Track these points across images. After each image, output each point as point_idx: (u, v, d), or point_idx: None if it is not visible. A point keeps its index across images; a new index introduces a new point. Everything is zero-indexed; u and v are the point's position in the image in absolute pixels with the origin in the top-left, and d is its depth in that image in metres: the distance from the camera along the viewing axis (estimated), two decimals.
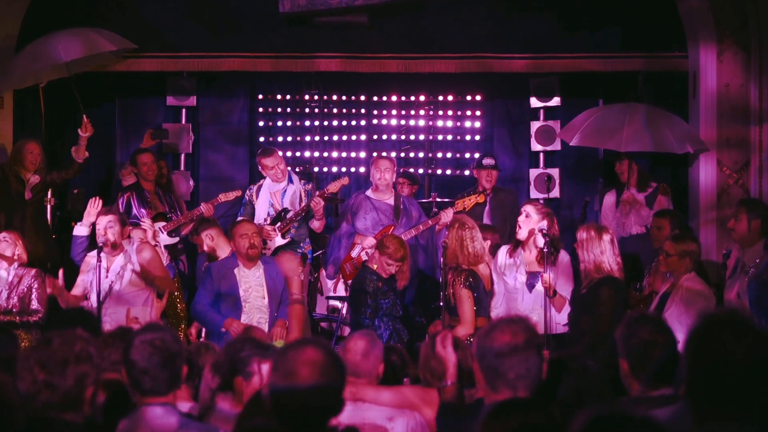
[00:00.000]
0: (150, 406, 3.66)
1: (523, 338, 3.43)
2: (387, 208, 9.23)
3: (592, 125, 9.70)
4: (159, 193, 9.86)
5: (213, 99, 11.85)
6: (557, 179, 11.13)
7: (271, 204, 9.34)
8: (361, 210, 9.23)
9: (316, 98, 11.64)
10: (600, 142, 9.86)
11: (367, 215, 9.16)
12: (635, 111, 9.66)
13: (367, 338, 4.78)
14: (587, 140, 9.76)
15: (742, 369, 2.85)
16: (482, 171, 9.96)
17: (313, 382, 2.90)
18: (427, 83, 11.51)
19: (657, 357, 3.76)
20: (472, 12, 10.92)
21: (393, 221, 9.07)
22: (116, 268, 7.65)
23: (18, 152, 9.59)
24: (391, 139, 11.88)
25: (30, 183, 9.52)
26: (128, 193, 9.73)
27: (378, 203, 9.24)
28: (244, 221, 8.15)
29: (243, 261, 7.69)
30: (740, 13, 10.09)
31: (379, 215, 9.15)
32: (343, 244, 9.23)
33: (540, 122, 11.29)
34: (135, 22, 10.76)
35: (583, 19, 10.85)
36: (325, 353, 2.98)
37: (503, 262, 7.67)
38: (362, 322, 7.57)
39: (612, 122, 9.62)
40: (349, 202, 9.41)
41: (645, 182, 9.84)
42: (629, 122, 9.45)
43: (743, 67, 10.12)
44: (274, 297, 7.61)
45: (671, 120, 9.74)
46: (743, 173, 10.02)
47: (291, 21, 10.85)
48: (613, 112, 9.82)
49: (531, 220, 7.55)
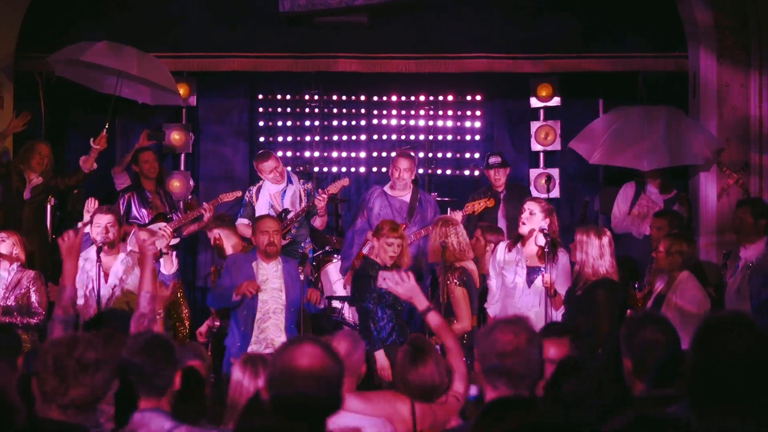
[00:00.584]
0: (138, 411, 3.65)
1: (524, 338, 3.44)
2: (402, 206, 9.22)
3: (610, 141, 9.71)
4: (160, 192, 9.86)
5: (213, 99, 11.86)
6: (557, 179, 11.12)
7: (271, 205, 9.33)
8: (376, 206, 9.24)
9: (316, 98, 11.64)
10: (620, 160, 9.80)
11: (381, 212, 9.16)
12: (655, 120, 9.67)
13: (350, 339, 4.78)
14: (607, 158, 9.81)
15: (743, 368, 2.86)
16: (489, 170, 9.94)
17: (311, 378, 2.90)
18: (427, 83, 11.51)
19: (660, 356, 3.77)
20: (472, 12, 10.92)
21: (405, 220, 9.05)
22: (117, 272, 7.60)
23: (27, 151, 9.60)
24: (391, 139, 11.88)
25: (31, 183, 9.51)
26: (128, 193, 9.73)
27: (393, 200, 9.25)
28: (267, 217, 8.10)
29: (262, 256, 7.70)
30: (740, 13, 10.09)
31: (393, 212, 9.14)
32: (356, 240, 9.23)
33: (540, 122, 11.30)
34: (135, 23, 10.77)
35: (583, 19, 10.85)
36: (322, 349, 2.98)
37: (502, 257, 7.65)
38: (366, 306, 7.54)
39: (630, 136, 9.63)
40: (365, 197, 9.42)
41: (668, 185, 9.85)
42: (648, 135, 9.48)
43: (743, 67, 10.11)
44: (291, 290, 7.61)
45: (691, 127, 9.75)
46: (743, 173, 10.01)
47: (291, 21, 10.85)
48: (633, 123, 9.80)
49: (534, 218, 7.55)
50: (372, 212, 9.21)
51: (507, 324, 3.51)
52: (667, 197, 9.77)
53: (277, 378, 2.93)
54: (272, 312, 7.58)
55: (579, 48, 10.84)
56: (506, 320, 3.56)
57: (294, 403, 2.88)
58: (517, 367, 3.40)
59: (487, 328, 3.54)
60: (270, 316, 7.57)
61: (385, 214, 9.07)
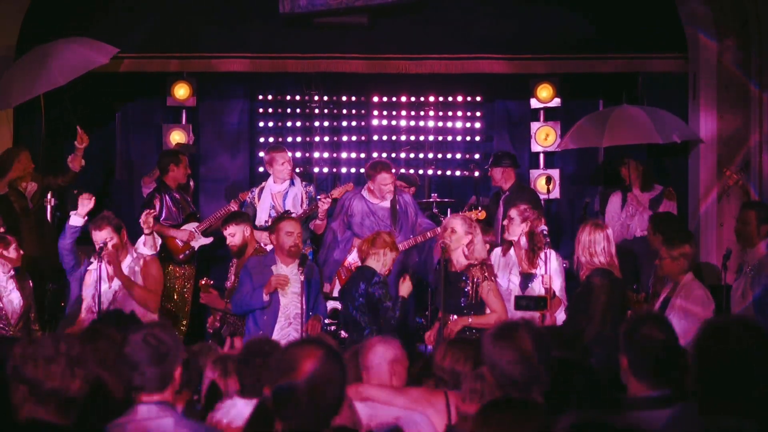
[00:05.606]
0: (143, 404, 3.65)
1: (530, 344, 3.44)
2: (384, 213, 9.21)
3: (575, 129, 9.95)
4: (183, 194, 9.87)
5: (213, 100, 11.85)
6: (557, 180, 11.13)
7: (272, 206, 9.34)
8: (357, 214, 9.20)
9: (316, 99, 11.63)
10: (584, 141, 10.01)
11: (365, 221, 9.14)
12: (615, 109, 9.92)
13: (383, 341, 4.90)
14: (572, 143, 9.99)
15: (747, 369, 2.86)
16: (493, 171, 9.94)
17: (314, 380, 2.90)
18: (427, 84, 11.51)
19: (657, 354, 3.76)
20: (471, 12, 10.92)
21: (390, 227, 9.03)
22: None
23: (5, 164, 9.55)
24: (391, 139, 11.89)
25: (29, 192, 9.51)
26: (159, 195, 9.72)
27: (374, 207, 9.23)
28: (290, 218, 8.07)
29: (282, 257, 7.67)
30: (740, 13, 10.09)
31: (377, 220, 9.13)
32: (340, 248, 9.21)
33: (540, 123, 11.30)
34: (135, 23, 10.77)
35: (583, 19, 10.85)
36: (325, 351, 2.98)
37: (497, 263, 7.68)
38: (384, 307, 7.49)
39: (594, 123, 9.85)
40: (344, 203, 9.34)
41: (649, 183, 9.85)
42: (610, 119, 9.59)
43: (743, 67, 10.11)
44: (311, 293, 7.59)
45: (654, 112, 9.82)
46: (743, 174, 10.01)
47: (291, 21, 10.85)
48: (595, 114, 10.21)
49: (514, 223, 7.61)
50: (353, 219, 9.18)
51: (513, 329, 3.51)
52: (652, 196, 9.78)
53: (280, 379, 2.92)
54: (293, 317, 7.55)
55: (579, 49, 10.84)
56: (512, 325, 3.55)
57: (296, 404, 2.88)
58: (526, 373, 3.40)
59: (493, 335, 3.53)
60: (291, 321, 7.55)
61: (369, 223, 9.07)
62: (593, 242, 6.77)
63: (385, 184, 9.13)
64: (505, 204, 9.72)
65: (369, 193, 9.25)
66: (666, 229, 8.03)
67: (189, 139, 11.34)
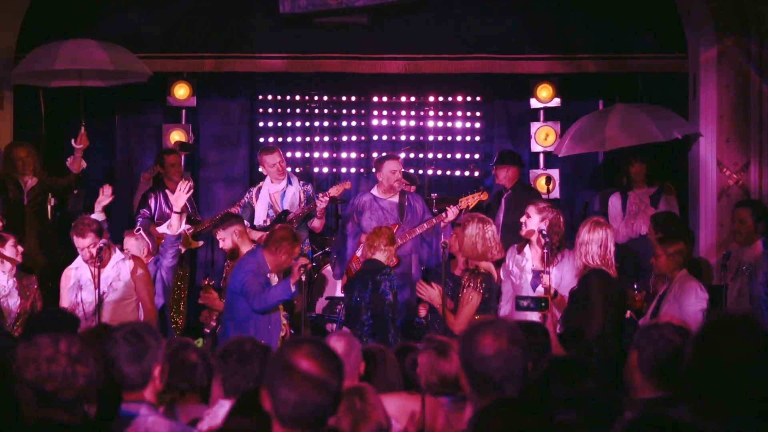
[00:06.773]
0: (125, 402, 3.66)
1: (506, 340, 3.42)
2: (392, 207, 9.22)
3: (573, 133, 9.93)
4: None
5: (213, 99, 11.86)
6: (557, 180, 11.13)
7: (270, 206, 9.34)
8: (367, 210, 9.23)
9: (316, 99, 11.64)
10: (585, 147, 9.99)
11: (373, 215, 9.16)
12: (612, 110, 9.90)
13: (346, 339, 4.82)
14: (573, 149, 9.96)
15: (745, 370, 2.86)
16: (497, 169, 9.93)
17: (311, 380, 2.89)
18: (427, 84, 11.52)
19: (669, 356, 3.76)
20: (471, 12, 10.93)
21: (398, 220, 9.07)
22: (107, 279, 7.50)
23: (7, 159, 9.54)
24: (391, 139, 11.90)
25: (27, 186, 9.48)
26: (154, 193, 9.72)
27: (383, 202, 9.24)
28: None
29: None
30: (740, 13, 10.08)
31: (385, 214, 9.14)
32: (349, 244, 9.23)
33: (540, 123, 11.30)
34: (135, 23, 10.77)
35: (583, 19, 10.85)
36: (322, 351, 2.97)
37: (511, 261, 7.69)
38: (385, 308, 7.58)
39: (592, 126, 9.81)
40: (354, 202, 9.39)
41: (650, 180, 9.86)
42: (609, 122, 9.57)
43: (743, 67, 10.11)
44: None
45: (651, 110, 9.81)
46: (743, 174, 10.01)
47: (291, 22, 10.86)
48: (592, 117, 10.16)
49: (531, 221, 7.56)
50: (362, 216, 9.21)
51: (488, 327, 3.48)
52: (652, 191, 9.77)
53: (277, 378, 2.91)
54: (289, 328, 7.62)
55: (579, 49, 10.85)
56: (488, 323, 3.53)
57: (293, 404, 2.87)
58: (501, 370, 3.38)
59: (469, 332, 3.51)
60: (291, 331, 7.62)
61: (376, 216, 9.08)
62: (589, 241, 6.76)
63: (393, 171, 9.13)
64: (507, 203, 9.72)
65: (378, 190, 9.29)
66: (666, 228, 8.03)
67: (189, 138, 11.35)
